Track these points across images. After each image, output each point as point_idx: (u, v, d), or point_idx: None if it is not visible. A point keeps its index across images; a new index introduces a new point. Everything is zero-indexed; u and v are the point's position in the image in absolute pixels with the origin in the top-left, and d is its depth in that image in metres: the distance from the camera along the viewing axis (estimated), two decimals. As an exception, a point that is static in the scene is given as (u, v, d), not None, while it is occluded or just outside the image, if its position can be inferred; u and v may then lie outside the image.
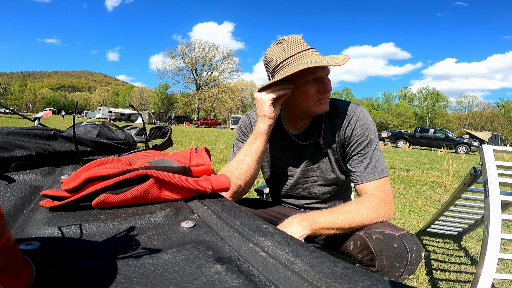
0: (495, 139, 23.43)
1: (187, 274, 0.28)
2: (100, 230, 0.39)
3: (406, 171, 5.90)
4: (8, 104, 58.57)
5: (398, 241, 0.75)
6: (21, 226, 0.39)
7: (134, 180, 0.47)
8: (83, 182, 0.45)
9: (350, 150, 0.95)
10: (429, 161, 8.30)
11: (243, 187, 0.92)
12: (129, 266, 0.29)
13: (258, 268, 0.31)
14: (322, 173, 1.02)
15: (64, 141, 0.81)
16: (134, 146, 1.01)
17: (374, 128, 0.94)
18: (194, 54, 51.58)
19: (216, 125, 39.09)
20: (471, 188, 1.77)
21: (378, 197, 0.85)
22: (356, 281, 0.27)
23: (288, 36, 0.90)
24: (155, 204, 0.49)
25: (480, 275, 1.05)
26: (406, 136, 17.84)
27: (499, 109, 53.96)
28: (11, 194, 0.48)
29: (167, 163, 0.56)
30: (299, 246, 0.34)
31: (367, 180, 0.89)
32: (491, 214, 1.14)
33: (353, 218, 0.79)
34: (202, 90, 51.45)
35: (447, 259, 1.89)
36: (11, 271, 0.22)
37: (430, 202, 3.46)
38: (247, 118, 1.11)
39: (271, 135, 1.04)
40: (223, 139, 11.29)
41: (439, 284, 1.56)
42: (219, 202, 0.51)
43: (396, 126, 55.45)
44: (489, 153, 1.31)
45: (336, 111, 0.97)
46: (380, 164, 0.91)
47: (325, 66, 0.88)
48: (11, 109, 1.03)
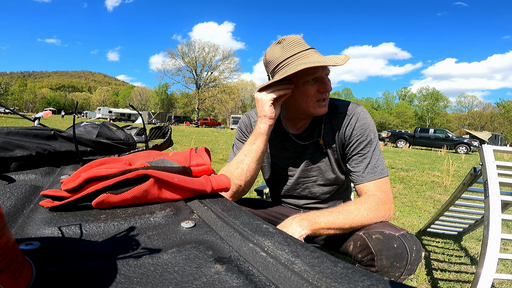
0: (495, 139, 23.43)
1: (187, 274, 0.28)
2: (100, 230, 0.39)
3: (406, 171, 5.90)
4: (8, 104, 58.57)
5: (398, 241, 0.75)
6: (21, 226, 0.39)
7: (134, 180, 0.47)
8: (83, 182, 0.45)
9: (350, 150, 0.94)
10: (429, 161, 8.30)
11: (243, 187, 0.92)
12: (129, 266, 0.29)
13: (258, 268, 0.31)
14: (322, 173, 1.02)
15: (64, 141, 0.81)
16: (134, 146, 1.01)
17: (374, 128, 0.94)
18: (194, 54, 51.63)
19: (216, 125, 39.09)
20: (471, 188, 1.77)
21: (378, 197, 0.85)
22: (356, 281, 0.27)
23: (288, 36, 0.90)
24: (155, 204, 0.49)
25: (480, 275, 1.05)
26: (406, 136, 17.84)
27: (499, 109, 53.97)
28: (11, 194, 0.48)
29: (167, 163, 0.56)
30: (299, 246, 0.34)
31: (367, 180, 0.89)
32: (491, 214, 1.14)
33: (352, 218, 0.79)
34: (202, 90, 51.46)
35: (447, 259, 1.89)
36: (11, 271, 0.22)
37: (430, 202, 3.46)
38: (247, 118, 1.11)
39: (271, 135, 1.04)
40: (223, 139, 11.29)
41: (439, 284, 1.56)
42: (219, 202, 0.51)
43: (396, 126, 55.45)
44: (489, 153, 1.31)
45: (336, 111, 0.97)
46: (380, 164, 0.90)
47: (325, 66, 0.88)
48: (11, 109, 1.03)
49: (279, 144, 1.06)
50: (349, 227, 0.79)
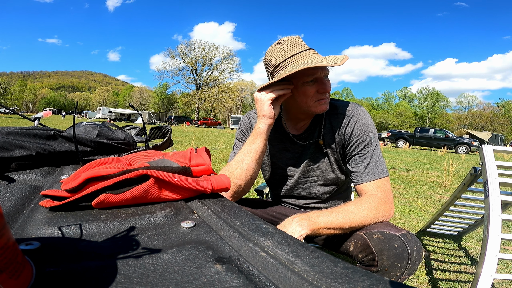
0: (495, 139, 23.43)
1: (187, 274, 0.28)
2: (100, 230, 0.39)
3: (406, 171, 5.90)
4: (8, 104, 58.56)
5: (398, 241, 0.75)
6: (21, 226, 0.39)
7: (134, 180, 0.47)
8: (83, 182, 0.45)
9: (349, 150, 0.95)
10: (429, 161, 8.30)
11: (243, 187, 0.92)
12: (129, 266, 0.29)
13: (258, 268, 0.31)
14: (322, 173, 1.02)
15: (64, 141, 0.81)
16: (134, 146, 1.01)
17: (373, 128, 0.94)
18: (194, 54, 51.61)
19: (216, 125, 39.09)
20: (471, 188, 1.77)
21: (378, 197, 0.85)
22: (356, 281, 0.27)
23: (288, 36, 0.90)
24: (155, 204, 0.49)
25: (480, 275, 1.05)
26: (406, 136, 17.84)
27: (499, 109, 53.96)
28: (11, 194, 0.48)
29: (167, 163, 0.56)
30: (299, 246, 0.34)
31: (367, 180, 0.89)
32: (491, 214, 1.14)
33: (352, 218, 0.78)
34: (202, 90, 51.44)
35: (447, 259, 1.89)
36: (11, 271, 0.22)
37: (430, 202, 3.46)
38: (247, 119, 1.11)
39: (271, 135, 1.04)
40: (223, 139, 11.29)
41: (439, 284, 1.56)
42: (219, 202, 0.51)
43: (396, 126, 55.44)
44: (489, 153, 1.31)
45: (335, 112, 0.97)
46: (380, 164, 0.90)
47: (324, 67, 0.88)
48: (11, 109, 1.03)
49: (279, 145, 1.06)
50: (349, 227, 0.79)
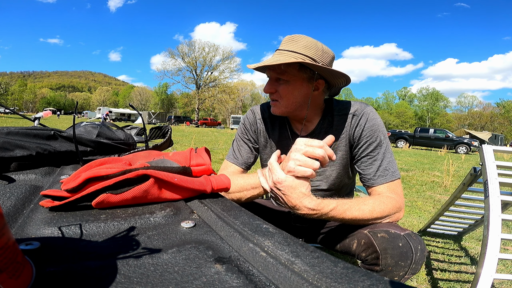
0: (495, 139, 23.42)
1: (187, 274, 0.28)
2: (100, 230, 0.39)
3: (406, 171, 5.89)
4: (8, 104, 58.56)
5: (403, 240, 0.74)
6: (21, 226, 0.39)
7: (134, 180, 0.47)
8: (83, 182, 0.45)
9: (359, 152, 0.92)
10: (429, 161, 8.30)
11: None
12: (129, 266, 0.29)
13: (258, 268, 0.31)
14: (326, 177, 1.00)
15: (64, 141, 0.81)
16: (134, 146, 1.01)
17: (383, 129, 0.91)
18: (194, 54, 51.61)
19: (216, 125, 39.08)
20: (471, 188, 1.77)
21: (392, 197, 0.82)
22: (356, 281, 0.27)
23: None
24: (155, 204, 0.49)
25: (480, 275, 1.05)
26: (406, 136, 17.83)
27: (499, 109, 53.96)
28: (11, 194, 0.48)
29: (167, 163, 0.56)
30: (299, 246, 0.34)
31: (379, 183, 0.86)
32: (491, 214, 1.14)
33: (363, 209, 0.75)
34: (202, 90, 51.44)
35: (447, 259, 1.89)
36: (11, 271, 0.22)
37: (430, 202, 3.46)
38: (252, 115, 1.06)
39: (278, 136, 1.02)
40: (223, 139, 11.29)
41: (439, 284, 1.56)
42: (219, 202, 0.51)
43: (396, 126, 55.41)
44: (489, 153, 1.31)
45: (344, 112, 0.94)
46: (391, 166, 0.88)
47: (267, 67, 0.89)
48: (11, 109, 1.03)
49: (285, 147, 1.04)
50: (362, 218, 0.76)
